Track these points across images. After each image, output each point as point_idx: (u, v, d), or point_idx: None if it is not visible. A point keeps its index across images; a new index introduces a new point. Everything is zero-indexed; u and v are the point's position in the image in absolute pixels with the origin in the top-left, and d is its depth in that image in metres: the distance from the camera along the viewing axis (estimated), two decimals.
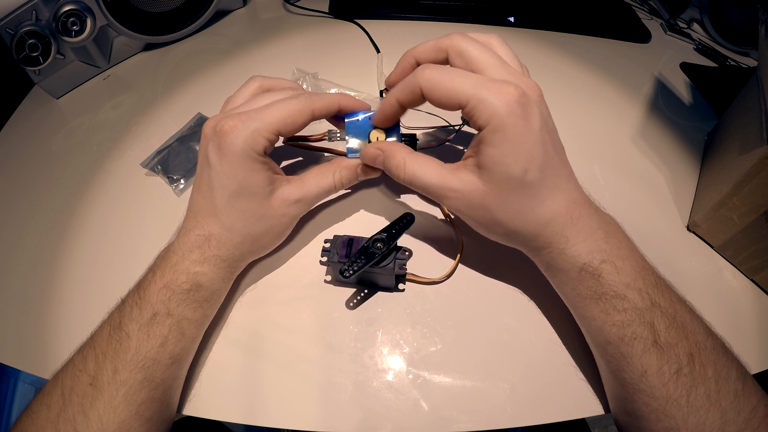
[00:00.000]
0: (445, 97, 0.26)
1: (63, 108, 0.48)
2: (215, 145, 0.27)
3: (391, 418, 0.28)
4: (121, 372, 0.24)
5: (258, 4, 0.61)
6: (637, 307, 0.24)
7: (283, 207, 0.30)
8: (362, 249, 0.30)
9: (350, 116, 0.32)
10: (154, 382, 0.25)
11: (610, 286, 0.25)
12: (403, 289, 0.33)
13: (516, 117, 0.24)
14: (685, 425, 0.22)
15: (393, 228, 0.31)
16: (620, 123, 0.46)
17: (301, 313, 0.32)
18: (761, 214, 0.31)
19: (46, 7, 0.43)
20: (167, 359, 0.25)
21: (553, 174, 0.26)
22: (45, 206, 0.39)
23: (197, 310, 0.27)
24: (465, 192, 0.27)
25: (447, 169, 0.28)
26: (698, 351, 0.23)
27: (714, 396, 0.22)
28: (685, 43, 0.57)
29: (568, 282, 0.27)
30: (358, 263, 0.29)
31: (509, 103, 0.24)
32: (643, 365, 0.24)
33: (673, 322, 0.24)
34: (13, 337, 0.32)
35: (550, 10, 0.59)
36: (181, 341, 0.26)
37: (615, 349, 0.25)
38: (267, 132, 0.27)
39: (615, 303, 0.25)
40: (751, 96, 0.35)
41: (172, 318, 0.26)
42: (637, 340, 0.24)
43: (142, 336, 0.25)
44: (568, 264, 0.26)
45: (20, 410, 0.24)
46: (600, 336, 0.26)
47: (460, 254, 0.34)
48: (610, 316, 0.25)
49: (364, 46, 0.53)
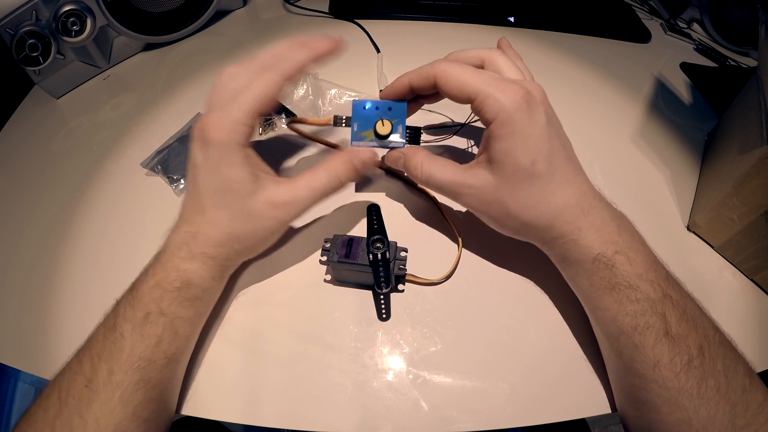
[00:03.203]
0: (456, 89, 0.28)
1: (63, 108, 0.48)
2: (199, 143, 0.28)
3: (391, 418, 0.28)
4: (117, 373, 0.24)
5: (258, 4, 0.61)
6: (650, 297, 0.25)
7: (268, 209, 0.28)
8: (375, 259, 0.30)
9: (358, 103, 0.32)
10: (150, 383, 0.25)
11: (624, 277, 0.25)
12: (402, 290, 0.33)
13: (522, 112, 0.26)
14: (697, 417, 0.23)
15: (373, 225, 0.31)
16: (620, 123, 0.46)
17: (301, 313, 0.32)
18: (761, 214, 0.31)
19: (46, 7, 0.43)
20: (162, 359, 0.25)
21: (561, 166, 0.27)
22: (45, 206, 0.39)
23: (189, 308, 0.27)
24: (478, 187, 0.28)
25: (461, 168, 0.30)
26: (708, 344, 0.24)
27: (723, 389, 0.23)
28: (685, 43, 0.57)
29: (582, 273, 0.27)
30: (383, 272, 0.29)
31: (515, 100, 0.26)
32: (655, 355, 0.24)
33: (684, 314, 0.24)
34: (13, 337, 0.32)
35: (550, 10, 0.59)
36: (176, 340, 0.26)
37: (628, 339, 0.25)
38: (246, 119, 0.27)
39: (628, 293, 0.25)
40: (751, 96, 0.35)
41: (165, 317, 0.26)
42: (649, 330, 0.24)
43: (136, 336, 0.25)
44: (581, 254, 0.27)
45: (20, 410, 0.24)
46: (613, 326, 0.26)
47: (459, 254, 0.34)
48: (623, 306, 0.25)
49: (364, 46, 0.53)
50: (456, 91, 0.28)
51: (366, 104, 0.32)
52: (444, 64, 0.29)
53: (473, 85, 0.27)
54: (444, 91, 0.29)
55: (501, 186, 0.27)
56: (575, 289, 0.29)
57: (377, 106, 0.32)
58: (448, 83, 0.28)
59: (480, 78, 0.27)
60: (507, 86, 0.26)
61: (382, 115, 0.32)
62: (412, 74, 0.30)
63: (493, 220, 0.30)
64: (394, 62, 0.50)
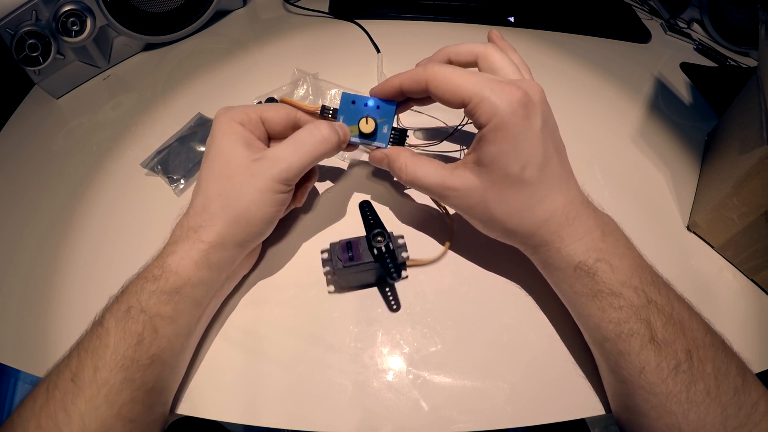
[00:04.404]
0: (449, 92, 0.27)
1: (63, 108, 0.48)
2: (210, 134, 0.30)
3: (391, 418, 0.28)
4: (102, 371, 0.24)
5: (258, 4, 0.61)
6: (633, 304, 0.25)
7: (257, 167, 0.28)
8: (379, 252, 0.29)
9: (347, 96, 0.32)
10: (135, 383, 0.24)
11: (606, 284, 0.25)
12: (406, 276, 0.33)
13: (517, 117, 0.25)
14: (686, 421, 0.22)
15: (369, 221, 0.31)
16: (620, 123, 0.46)
17: (301, 313, 0.32)
18: (761, 214, 0.31)
19: (46, 7, 0.43)
20: (145, 359, 0.25)
21: (551, 174, 0.26)
22: (45, 206, 0.39)
23: (168, 303, 0.26)
24: (464, 190, 0.28)
25: (447, 170, 0.29)
26: (696, 348, 0.24)
27: (714, 392, 0.23)
28: (685, 43, 0.57)
29: (565, 279, 0.27)
30: (392, 263, 0.29)
31: (511, 103, 0.25)
32: (641, 362, 0.24)
33: (670, 319, 0.24)
34: (13, 337, 0.32)
35: (550, 10, 0.59)
36: (156, 340, 0.25)
37: (613, 345, 0.25)
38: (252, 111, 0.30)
39: (611, 300, 0.25)
40: (751, 96, 0.35)
41: (144, 314, 0.25)
42: (634, 337, 0.24)
43: (119, 332, 0.25)
44: (563, 262, 0.27)
45: None
46: (597, 333, 0.26)
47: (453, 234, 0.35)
48: (606, 313, 0.25)
49: (364, 46, 0.53)
50: (449, 95, 0.27)
51: (355, 99, 0.32)
52: (436, 67, 0.27)
53: (467, 88, 0.26)
54: (436, 95, 0.28)
55: (486, 190, 0.27)
56: (560, 295, 0.29)
57: (366, 102, 0.32)
58: (440, 87, 0.27)
59: (474, 80, 0.26)
60: (503, 88, 0.25)
61: (370, 112, 0.32)
62: (403, 76, 0.29)
63: (479, 222, 0.29)
64: (394, 62, 0.50)
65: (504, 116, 0.25)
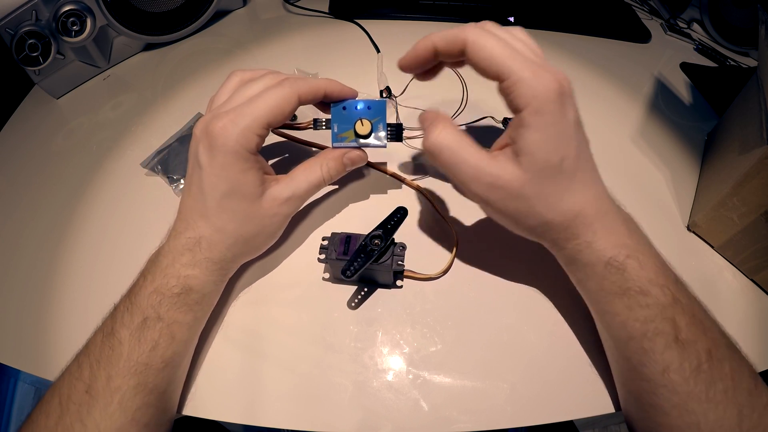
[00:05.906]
0: (486, 61, 0.25)
1: (63, 108, 0.48)
2: (205, 146, 0.27)
3: (391, 418, 0.28)
4: (115, 378, 0.24)
5: (258, 4, 0.61)
6: (660, 303, 0.24)
7: (274, 207, 0.29)
8: (361, 247, 0.30)
9: (336, 105, 0.32)
10: (148, 387, 0.24)
11: (635, 282, 0.25)
12: (401, 285, 0.33)
13: (555, 104, 0.24)
14: (706, 420, 0.22)
15: (388, 223, 0.31)
16: (620, 123, 0.46)
17: (300, 313, 0.32)
18: (761, 214, 0.31)
19: (46, 7, 0.43)
20: (159, 363, 0.25)
21: (584, 166, 0.26)
22: (45, 206, 0.39)
23: (188, 313, 0.27)
24: (505, 180, 0.26)
25: (487, 155, 0.27)
26: (716, 347, 0.24)
27: (731, 392, 0.23)
28: (685, 43, 0.57)
29: (593, 277, 0.26)
30: (358, 261, 0.29)
31: (550, 90, 0.24)
32: (665, 360, 0.24)
33: (693, 318, 0.24)
34: (13, 337, 0.32)
35: (550, 10, 0.59)
36: (172, 345, 0.26)
37: (637, 344, 0.25)
38: (258, 128, 0.27)
39: (639, 299, 0.25)
40: (751, 96, 0.35)
41: (162, 322, 0.26)
42: (659, 336, 0.24)
43: (134, 341, 0.25)
44: (594, 257, 0.26)
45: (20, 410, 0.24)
46: (622, 331, 0.25)
47: (455, 249, 0.34)
48: (633, 312, 0.25)
49: (364, 46, 0.53)
50: (486, 64, 0.25)
51: (345, 105, 0.32)
52: (477, 31, 0.26)
53: (507, 64, 0.24)
54: (472, 61, 0.26)
55: (528, 181, 0.25)
56: (583, 293, 0.28)
57: (356, 105, 0.32)
58: (479, 54, 0.25)
59: (516, 57, 0.25)
60: (543, 74, 0.24)
61: (362, 114, 0.32)
62: (437, 36, 0.27)
63: (510, 217, 0.27)
64: (394, 62, 0.50)
65: (543, 102, 0.24)
